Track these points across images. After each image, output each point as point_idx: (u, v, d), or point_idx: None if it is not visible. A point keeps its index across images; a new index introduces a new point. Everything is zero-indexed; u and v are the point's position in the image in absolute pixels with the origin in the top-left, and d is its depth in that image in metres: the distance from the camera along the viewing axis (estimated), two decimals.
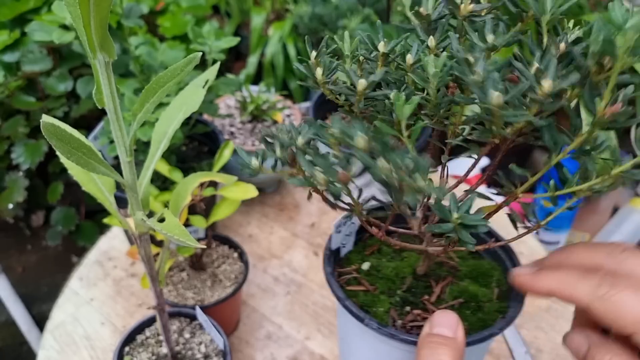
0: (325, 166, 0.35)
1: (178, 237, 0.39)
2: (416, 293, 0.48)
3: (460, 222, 0.35)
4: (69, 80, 1.11)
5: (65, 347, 0.80)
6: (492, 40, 0.37)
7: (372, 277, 0.49)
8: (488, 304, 0.46)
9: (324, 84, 0.42)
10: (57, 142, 0.36)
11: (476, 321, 0.44)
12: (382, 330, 0.43)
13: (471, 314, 0.45)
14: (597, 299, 0.36)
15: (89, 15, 0.33)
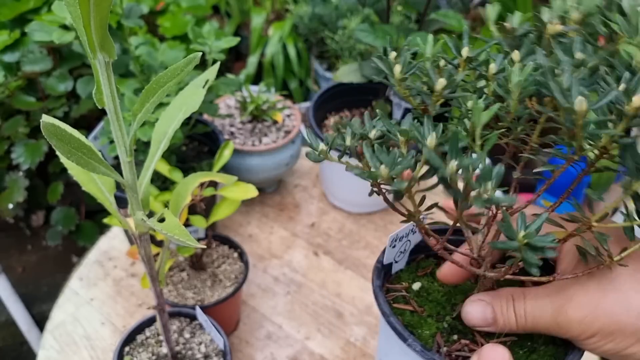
0: (390, 162, 0.34)
1: (178, 237, 0.39)
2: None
3: (527, 241, 0.33)
4: (69, 80, 1.11)
5: (65, 347, 0.80)
6: (580, 56, 0.36)
7: (422, 298, 0.47)
8: (544, 347, 0.43)
9: (401, 81, 0.41)
10: (57, 142, 0.36)
11: None
12: (425, 353, 0.41)
13: (523, 354, 0.42)
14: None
15: (89, 16, 0.33)
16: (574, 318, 0.37)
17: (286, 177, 1.07)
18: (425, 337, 0.43)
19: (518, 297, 0.40)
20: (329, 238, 0.96)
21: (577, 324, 0.37)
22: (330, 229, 0.98)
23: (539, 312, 0.39)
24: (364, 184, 0.41)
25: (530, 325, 0.39)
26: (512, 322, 0.40)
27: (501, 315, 0.40)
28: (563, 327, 0.38)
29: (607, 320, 0.37)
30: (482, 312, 0.41)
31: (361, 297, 0.87)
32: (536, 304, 0.39)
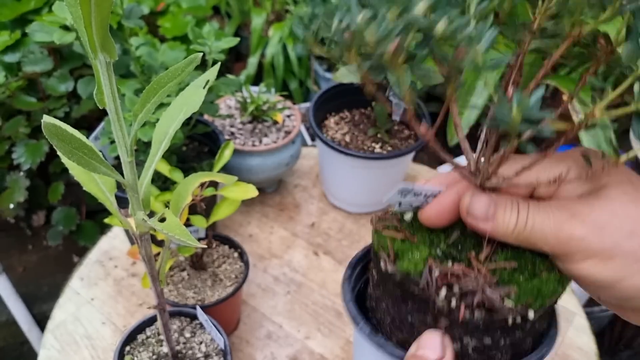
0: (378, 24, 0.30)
1: (179, 236, 0.39)
2: (463, 248, 0.41)
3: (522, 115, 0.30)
4: (70, 81, 1.11)
5: (66, 347, 0.80)
6: None
7: (414, 228, 0.43)
8: (546, 273, 0.39)
9: None
10: (58, 142, 0.36)
11: (530, 289, 0.38)
12: (372, 338, 0.41)
13: (524, 280, 0.38)
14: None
15: (90, 16, 0.34)
16: (576, 234, 0.34)
17: (286, 177, 1.07)
18: (416, 260, 0.40)
19: (523, 204, 0.37)
20: (329, 238, 0.97)
21: (578, 240, 0.35)
22: (330, 229, 0.98)
23: (540, 221, 0.36)
24: (364, 184, 0.41)
25: (527, 234, 0.37)
26: (511, 224, 0.37)
27: (503, 214, 0.37)
28: (562, 242, 0.35)
29: (611, 241, 0.34)
30: (485, 204, 0.38)
31: None
32: (539, 213, 0.36)
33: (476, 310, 0.37)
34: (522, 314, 0.37)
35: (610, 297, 0.36)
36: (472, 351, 0.39)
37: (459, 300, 0.37)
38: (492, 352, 0.39)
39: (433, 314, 0.38)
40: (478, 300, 0.36)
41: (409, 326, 0.40)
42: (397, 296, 0.40)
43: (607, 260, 0.34)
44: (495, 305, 0.36)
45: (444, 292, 0.37)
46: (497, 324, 0.37)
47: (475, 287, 0.37)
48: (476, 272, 0.38)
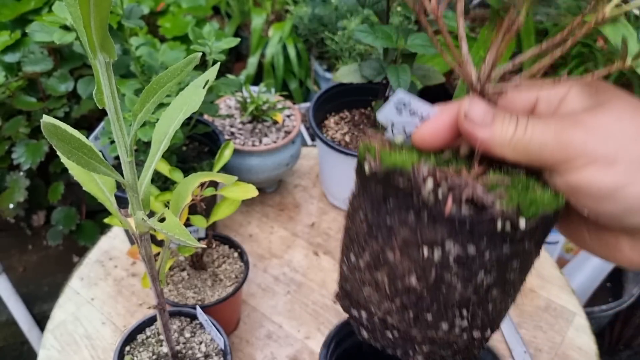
0: None
1: (178, 236, 0.39)
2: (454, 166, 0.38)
3: None
4: (70, 81, 1.11)
5: (66, 347, 0.80)
6: None
7: (405, 149, 0.39)
8: (540, 190, 0.36)
9: None
10: (57, 142, 0.36)
11: (522, 197, 0.35)
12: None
13: (518, 195, 0.35)
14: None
15: (89, 16, 0.34)
16: (578, 137, 0.32)
17: (286, 177, 1.07)
18: (404, 159, 0.36)
19: (522, 116, 0.35)
20: (329, 238, 0.97)
21: (580, 144, 0.32)
22: (330, 228, 0.98)
23: (540, 129, 0.34)
24: None
25: (526, 142, 0.34)
26: (509, 131, 0.35)
27: (502, 120, 0.35)
28: (563, 146, 0.33)
29: (615, 145, 0.32)
30: (484, 109, 0.35)
31: None
32: (539, 122, 0.34)
33: (464, 206, 0.34)
34: (512, 220, 0.34)
35: (610, 210, 0.33)
36: (454, 262, 0.35)
37: (446, 192, 0.34)
38: (474, 266, 0.35)
39: (416, 210, 0.35)
40: (467, 195, 0.33)
41: (387, 231, 0.36)
42: (378, 196, 0.37)
43: (610, 166, 0.32)
44: (485, 202, 0.33)
45: (431, 183, 0.34)
46: (484, 226, 0.34)
47: (465, 183, 0.34)
48: (467, 176, 0.34)
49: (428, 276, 0.35)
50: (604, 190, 0.32)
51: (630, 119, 0.32)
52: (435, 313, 0.36)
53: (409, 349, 0.39)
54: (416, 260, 0.35)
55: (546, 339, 0.82)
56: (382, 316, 0.38)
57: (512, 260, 0.36)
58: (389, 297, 0.37)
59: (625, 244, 0.35)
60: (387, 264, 0.37)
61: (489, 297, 0.36)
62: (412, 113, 0.39)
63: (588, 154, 0.32)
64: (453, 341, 0.38)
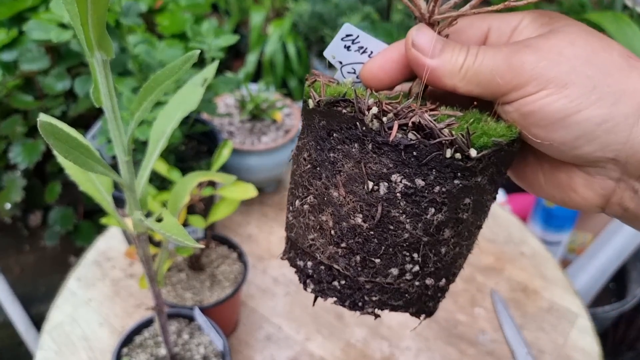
0: None
1: (176, 237, 0.38)
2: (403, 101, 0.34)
3: None
4: (67, 79, 1.10)
5: (63, 348, 0.79)
6: None
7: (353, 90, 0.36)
8: (494, 124, 0.34)
9: None
10: (54, 141, 0.36)
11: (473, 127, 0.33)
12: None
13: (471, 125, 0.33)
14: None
15: (86, 14, 0.33)
16: (529, 59, 0.31)
17: (286, 176, 1.07)
18: (349, 88, 0.35)
19: (473, 46, 0.34)
20: None
21: (531, 66, 0.31)
22: None
23: (491, 55, 0.32)
24: None
25: (476, 69, 0.33)
26: (459, 60, 0.33)
27: (451, 50, 0.33)
28: (514, 70, 0.32)
29: (568, 66, 0.31)
30: (431, 37, 0.33)
31: None
32: (490, 49, 0.33)
33: (410, 132, 0.32)
34: (463, 149, 0.32)
35: (562, 138, 0.32)
36: (401, 197, 0.33)
37: (392, 119, 0.32)
38: (423, 202, 0.33)
39: (360, 139, 0.33)
40: (414, 120, 0.31)
41: (331, 166, 0.34)
42: (321, 131, 0.35)
43: (563, 89, 0.31)
44: (433, 128, 0.31)
45: (376, 109, 0.32)
46: (432, 155, 0.32)
47: (413, 111, 0.32)
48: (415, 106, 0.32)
49: (374, 214, 0.33)
50: (557, 115, 0.31)
51: (584, 42, 0.31)
52: (384, 256, 0.34)
53: (358, 300, 0.36)
54: (361, 197, 0.33)
55: (549, 340, 0.81)
56: (327, 263, 0.36)
57: (465, 196, 0.34)
58: (334, 241, 0.35)
59: (579, 181, 0.34)
60: (332, 203, 0.35)
61: (440, 238, 0.34)
62: (362, 50, 0.37)
63: (539, 77, 0.31)
64: (404, 290, 0.36)
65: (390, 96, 0.35)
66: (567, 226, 1.26)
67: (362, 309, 0.36)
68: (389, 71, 0.36)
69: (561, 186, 0.35)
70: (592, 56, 0.31)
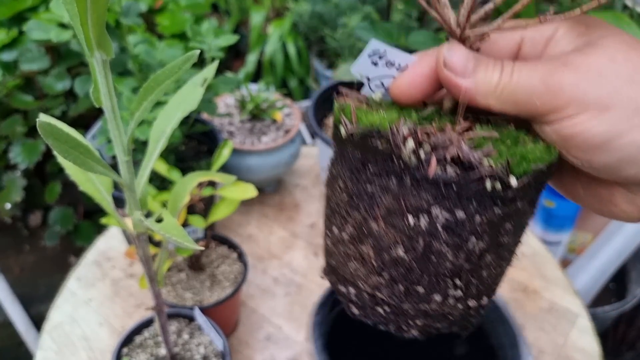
0: None
1: (176, 237, 0.38)
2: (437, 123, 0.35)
3: None
4: (67, 79, 1.10)
5: (63, 348, 0.79)
6: None
7: (383, 106, 0.36)
8: (531, 144, 0.33)
9: None
10: (53, 141, 0.35)
11: (512, 153, 0.32)
12: None
13: (507, 150, 0.32)
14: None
15: (86, 14, 0.33)
16: (569, 80, 0.30)
17: (286, 176, 1.07)
18: (381, 117, 0.34)
19: (507, 61, 0.32)
20: None
21: (570, 89, 0.30)
22: None
23: (527, 73, 0.31)
24: None
25: (512, 89, 0.31)
26: (494, 79, 0.32)
27: (485, 68, 0.32)
28: (552, 92, 0.30)
29: (609, 88, 0.29)
30: (465, 56, 0.32)
31: None
32: (526, 66, 0.31)
33: (449, 166, 0.31)
34: (503, 179, 0.31)
35: (605, 161, 0.31)
36: (442, 229, 0.32)
37: (429, 153, 0.31)
38: (465, 232, 0.33)
39: (397, 174, 0.32)
40: (452, 154, 0.31)
41: (368, 199, 0.34)
42: (356, 162, 0.34)
43: (604, 112, 0.29)
44: (472, 160, 0.31)
45: (412, 144, 0.31)
46: (472, 187, 0.31)
47: (450, 141, 0.31)
48: (451, 132, 0.32)
49: (416, 246, 0.33)
50: (598, 139, 0.30)
51: (625, 59, 0.29)
52: (427, 285, 0.34)
53: (402, 324, 0.36)
54: (402, 230, 0.33)
55: (549, 341, 0.81)
56: (370, 291, 0.36)
57: (505, 222, 0.33)
58: (377, 271, 0.35)
59: (621, 197, 0.33)
60: (372, 235, 0.34)
61: (482, 263, 0.34)
62: (389, 64, 0.36)
63: (579, 100, 0.30)
64: (448, 312, 0.36)
65: (423, 114, 0.35)
66: (567, 226, 1.26)
67: (407, 332, 0.37)
68: (419, 87, 0.35)
69: (601, 200, 0.34)
70: (634, 74, 0.29)
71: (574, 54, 0.31)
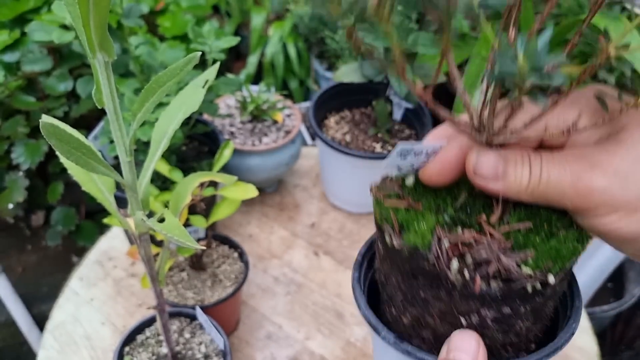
0: None
1: (178, 237, 0.39)
2: (472, 212, 0.38)
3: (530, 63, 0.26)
4: (69, 80, 1.11)
5: (66, 347, 0.80)
6: None
7: (418, 193, 0.39)
8: (564, 231, 0.35)
9: None
10: (56, 142, 0.36)
11: (547, 250, 0.34)
12: (398, 346, 0.37)
13: (541, 242, 0.35)
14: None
15: (88, 15, 0.33)
16: (597, 185, 0.31)
17: (286, 177, 1.07)
18: (423, 231, 0.36)
19: (534, 157, 0.34)
20: (329, 238, 0.96)
21: (599, 193, 0.31)
22: (331, 229, 0.98)
23: (556, 174, 0.33)
24: (365, 183, 0.40)
25: (543, 189, 0.33)
26: (524, 180, 0.33)
27: (514, 169, 0.34)
28: (582, 195, 0.32)
29: (636, 191, 0.31)
30: (493, 161, 0.34)
31: None
32: (554, 165, 0.33)
33: (492, 280, 0.34)
34: (542, 280, 0.34)
35: (636, 249, 0.33)
36: (492, 322, 0.36)
37: (473, 271, 0.34)
38: (512, 320, 0.36)
39: (446, 289, 0.36)
40: (493, 270, 0.34)
41: (422, 302, 0.37)
42: (407, 272, 0.37)
43: (633, 213, 0.31)
44: (513, 273, 0.33)
45: (456, 265, 0.34)
46: (515, 293, 0.35)
47: (490, 255, 0.34)
48: (489, 238, 0.35)
49: None
50: (629, 236, 0.32)
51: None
52: None
53: None
54: (456, 325, 0.37)
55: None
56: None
57: (547, 303, 0.37)
58: (436, 348, 0.38)
59: None
60: (429, 325, 0.38)
61: (529, 334, 0.38)
62: (417, 154, 0.38)
63: (608, 204, 0.32)
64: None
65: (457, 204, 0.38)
66: None
67: None
68: (448, 174, 0.37)
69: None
70: None
71: (600, 152, 0.32)
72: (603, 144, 0.33)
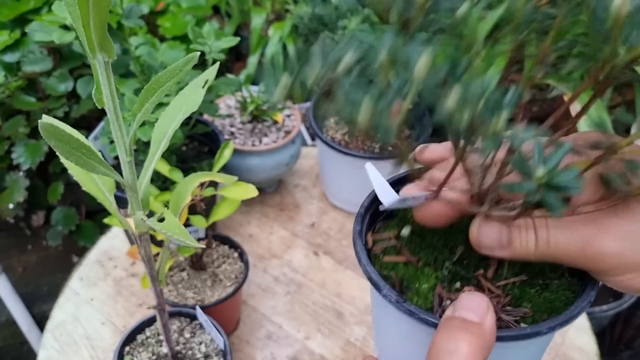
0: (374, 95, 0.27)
1: (178, 237, 0.39)
2: (469, 266, 0.38)
3: (547, 181, 0.26)
4: (69, 81, 1.11)
5: (66, 347, 0.80)
6: None
7: (415, 245, 0.40)
8: (557, 281, 0.36)
9: None
10: (55, 142, 0.36)
11: (542, 302, 0.36)
12: (400, 305, 0.36)
13: (536, 293, 0.36)
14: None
15: (88, 16, 0.33)
16: (609, 251, 0.32)
17: (286, 177, 1.07)
18: (424, 291, 0.37)
19: (540, 223, 0.34)
20: (329, 238, 0.96)
21: (611, 257, 0.32)
22: (330, 228, 0.98)
23: (564, 239, 0.33)
24: (365, 183, 0.40)
25: (552, 253, 0.33)
26: (530, 245, 0.34)
27: (519, 237, 0.34)
28: (593, 259, 0.32)
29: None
30: (497, 232, 0.34)
31: (361, 297, 0.87)
32: (561, 230, 0.33)
33: None
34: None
35: None
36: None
37: None
38: None
39: None
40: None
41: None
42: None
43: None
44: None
45: None
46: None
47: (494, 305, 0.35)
48: (487, 294, 0.36)
49: None
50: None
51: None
52: None
53: None
54: None
55: None
56: None
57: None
58: None
59: None
60: None
61: None
62: (416, 198, 0.38)
63: (621, 266, 0.32)
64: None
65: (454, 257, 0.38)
66: None
67: None
68: (444, 219, 0.38)
69: None
70: None
71: (608, 216, 0.33)
72: (612, 209, 0.33)
